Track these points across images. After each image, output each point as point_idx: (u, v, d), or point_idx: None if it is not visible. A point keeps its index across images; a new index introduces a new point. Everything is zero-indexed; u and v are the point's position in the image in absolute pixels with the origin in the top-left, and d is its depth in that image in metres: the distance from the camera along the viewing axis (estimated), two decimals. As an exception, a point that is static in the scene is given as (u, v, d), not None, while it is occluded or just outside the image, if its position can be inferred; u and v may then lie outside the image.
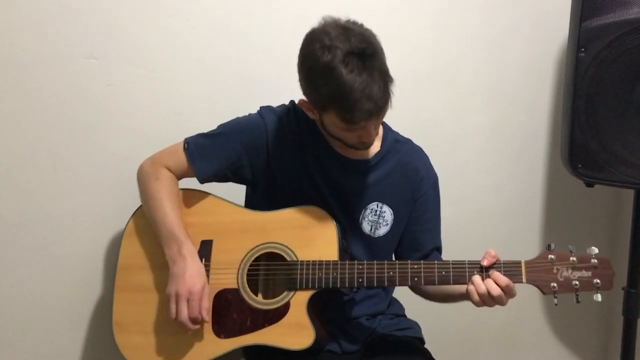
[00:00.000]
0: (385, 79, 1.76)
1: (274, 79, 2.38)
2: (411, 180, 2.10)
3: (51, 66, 2.20)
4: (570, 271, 1.79)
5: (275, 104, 2.12)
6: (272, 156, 2.02)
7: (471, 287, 1.80)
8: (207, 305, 1.89)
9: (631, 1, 2.15)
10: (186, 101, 2.38)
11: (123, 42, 2.28)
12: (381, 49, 1.79)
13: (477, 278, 1.81)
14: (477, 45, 2.70)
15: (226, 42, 2.40)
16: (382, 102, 1.76)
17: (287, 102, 2.11)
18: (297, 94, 2.06)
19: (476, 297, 1.79)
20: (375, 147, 2.08)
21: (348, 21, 1.79)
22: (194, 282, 1.86)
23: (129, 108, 2.32)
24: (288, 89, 2.07)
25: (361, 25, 1.80)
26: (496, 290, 1.78)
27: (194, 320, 1.87)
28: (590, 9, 2.18)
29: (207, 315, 1.89)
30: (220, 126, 2.06)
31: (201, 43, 2.37)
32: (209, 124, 2.09)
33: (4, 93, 2.15)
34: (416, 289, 2.15)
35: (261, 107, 2.08)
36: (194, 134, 2.08)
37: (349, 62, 1.70)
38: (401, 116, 2.48)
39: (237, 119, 2.07)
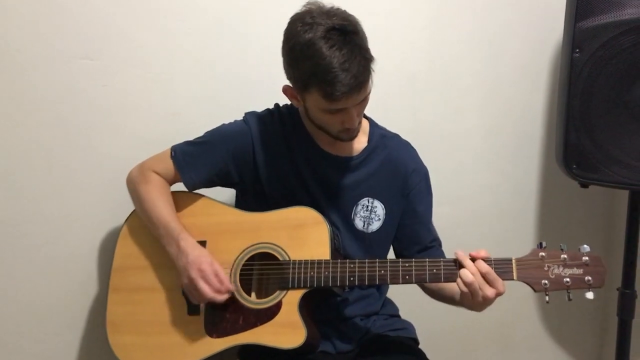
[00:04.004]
0: (365, 55, 1.79)
1: (271, 80, 2.35)
2: (400, 175, 2.11)
3: (47, 66, 2.20)
4: (561, 269, 1.78)
5: (271, 105, 2.14)
6: (259, 160, 2.03)
7: (463, 269, 1.79)
8: (223, 273, 1.88)
9: (625, 2, 2.16)
10: (183, 102, 2.39)
11: (119, 43, 2.28)
12: (363, 31, 1.83)
13: (468, 260, 1.80)
14: (473, 45, 2.70)
15: (223, 43, 2.41)
16: (362, 77, 1.78)
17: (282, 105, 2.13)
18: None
19: (470, 277, 1.76)
20: (363, 143, 2.09)
21: (332, 6, 1.83)
22: (200, 261, 1.87)
23: (125, 108, 2.32)
24: (285, 91, 2.09)
25: (344, 11, 1.84)
26: (485, 267, 1.77)
27: (219, 292, 1.86)
28: (585, 9, 2.19)
29: (228, 282, 1.88)
30: (207, 133, 2.08)
31: (198, 43, 2.37)
32: (205, 125, 2.10)
33: (-1, 93, 2.16)
34: (424, 287, 2.14)
35: (245, 114, 2.11)
36: (190, 134, 2.09)
37: (329, 38, 1.75)
38: (398, 116, 2.51)
39: (222, 125, 2.09)
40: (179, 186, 2.07)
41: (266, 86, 2.35)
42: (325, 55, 1.73)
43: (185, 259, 1.88)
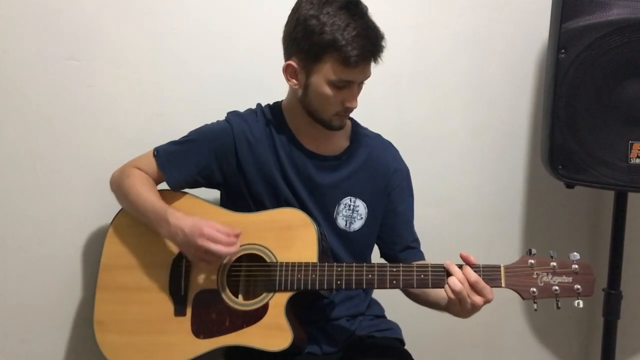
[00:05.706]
0: (380, 29, 1.89)
1: (257, 80, 2.37)
2: (383, 174, 2.12)
3: (32, 67, 2.19)
4: (550, 276, 1.76)
5: (256, 105, 2.13)
6: (241, 159, 2.03)
7: (451, 278, 1.77)
8: (222, 226, 1.85)
9: (611, 3, 2.16)
10: (168, 102, 2.37)
11: (104, 43, 2.27)
12: None
13: (456, 268, 1.79)
14: (459, 46, 2.70)
15: (208, 43, 2.39)
16: (379, 47, 1.88)
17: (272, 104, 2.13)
18: (279, 95, 2.08)
19: (458, 285, 1.75)
20: (345, 142, 2.11)
21: None
22: (199, 226, 1.84)
23: (110, 109, 2.30)
24: (270, 90, 2.09)
25: None
26: (474, 275, 1.76)
27: (231, 244, 1.85)
28: (571, 10, 2.20)
29: (232, 229, 1.87)
30: (189, 133, 2.08)
31: (183, 44, 2.36)
32: (191, 125, 2.09)
33: (-15, 94, 2.14)
34: (408, 291, 2.13)
35: (228, 113, 2.11)
36: (176, 135, 2.08)
37: (349, 8, 1.84)
38: (383, 117, 2.50)
39: (205, 125, 2.09)
40: (165, 186, 2.06)
41: (251, 87, 2.36)
42: (347, 21, 1.82)
43: (182, 233, 1.86)
